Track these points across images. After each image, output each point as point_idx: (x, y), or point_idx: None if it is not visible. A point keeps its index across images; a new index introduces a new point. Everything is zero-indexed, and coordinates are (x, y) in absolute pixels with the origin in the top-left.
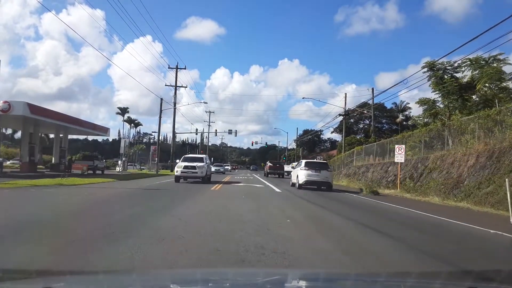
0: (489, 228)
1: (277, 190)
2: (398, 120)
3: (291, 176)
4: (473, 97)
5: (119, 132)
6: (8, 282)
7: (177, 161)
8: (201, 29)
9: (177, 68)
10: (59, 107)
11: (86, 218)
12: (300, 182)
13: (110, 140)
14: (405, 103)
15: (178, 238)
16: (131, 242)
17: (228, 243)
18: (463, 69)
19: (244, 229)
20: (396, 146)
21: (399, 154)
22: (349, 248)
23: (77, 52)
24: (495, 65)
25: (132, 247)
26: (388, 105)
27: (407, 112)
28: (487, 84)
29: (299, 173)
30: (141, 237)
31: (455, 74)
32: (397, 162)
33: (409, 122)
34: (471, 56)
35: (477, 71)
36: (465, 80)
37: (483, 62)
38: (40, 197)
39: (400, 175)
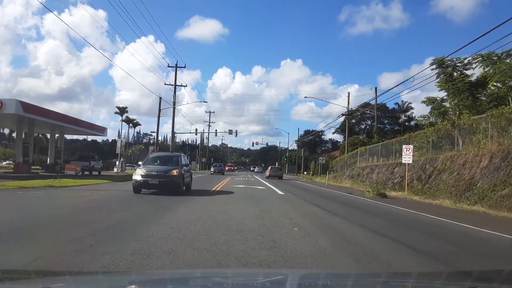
0: None
1: (280, 192)
2: (400, 120)
3: (265, 172)
4: (482, 96)
5: (119, 133)
6: (8, 283)
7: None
8: (204, 29)
9: (176, 66)
10: (60, 107)
11: (65, 227)
12: (267, 176)
13: (110, 140)
14: (407, 103)
15: (167, 253)
16: (108, 259)
17: (227, 259)
18: (473, 66)
19: (246, 240)
20: (404, 146)
21: (407, 155)
22: (374, 268)
23: (79, 52)
24: (508, 61)
25: (109, 266)
26: (390, 106)
27: (409, 113)
28: (498, 83)
29: (267, 171)
30: (123, 253)
31: (465, 71)
32: (404, 163)
33: (412, 123)
34: (482, 52)
35: (489, 68)
36: (475, 77)
37: (496, 58)
38: (22, 201)
39: (407, 176)
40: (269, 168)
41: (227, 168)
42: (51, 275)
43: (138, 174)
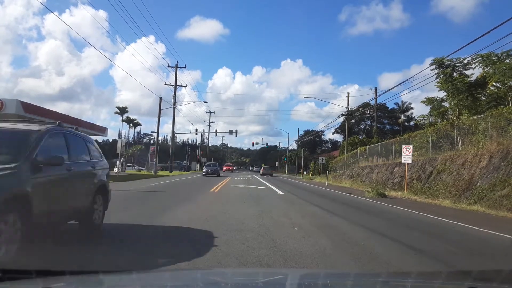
0: None
1: (280, 192)
2: (400, 120)
3: (259, 170)
4: (481, 96)
5: (119, 133)
6: (8, 282)
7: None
8: (204, 29)
9: (176, 66)
10: (61, 107)
11: (65, 226)
12: (261, 173)
13: (110, 140)
14: (407, 103)
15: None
16: (108, 259)
17: (227, 259)
18: (473, 66)
19: (246, 240)
20: (403, 146)
21: (407, 155)
22: (374, 267)
23: (80, 52)
24: (507, 61)
25: (110, 265)
26: (390, 106)
27: (409, 113)
28: (498, 83)
29: (261, 170)
30: (123, 252)
31: (464, 71)
32: (404, 163)
33: (412, 123)
34: (482, 53)
35: (488, 68)
36: (474, 78)
37: (495, 58)
38: None
39: (407, 176)
40: (262, 167)
41: (224, 168)
42: (52, 274)
43: None
